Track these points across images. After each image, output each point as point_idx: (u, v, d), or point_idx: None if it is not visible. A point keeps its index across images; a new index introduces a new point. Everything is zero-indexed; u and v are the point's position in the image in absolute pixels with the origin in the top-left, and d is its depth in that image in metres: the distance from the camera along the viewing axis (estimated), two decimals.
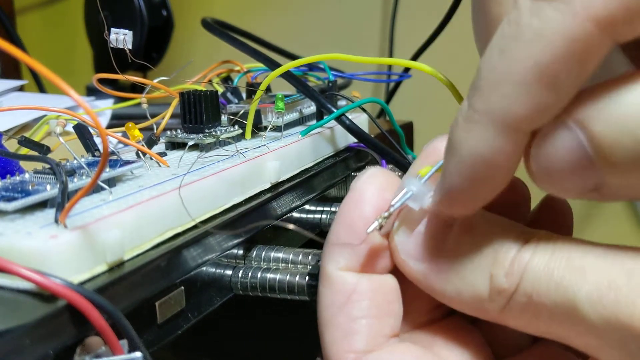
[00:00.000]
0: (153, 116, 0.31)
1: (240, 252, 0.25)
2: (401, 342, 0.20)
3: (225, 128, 0.30)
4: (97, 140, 0.26)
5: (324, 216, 0.31)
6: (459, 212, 0.18)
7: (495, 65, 0.15)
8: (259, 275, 0.24)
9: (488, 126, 0.15)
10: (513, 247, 0.17)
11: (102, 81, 0.29)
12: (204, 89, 0.31)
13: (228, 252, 0.24)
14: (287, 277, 0.24)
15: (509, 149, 0.16)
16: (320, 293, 0.20)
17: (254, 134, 0.32)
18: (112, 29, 0.28)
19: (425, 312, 0.21)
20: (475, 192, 0.17)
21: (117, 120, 0.50)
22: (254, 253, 0.26)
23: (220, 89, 0.38)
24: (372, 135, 0.32)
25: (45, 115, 0.36)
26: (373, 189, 0.20)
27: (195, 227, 0.23)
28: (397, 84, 0.66)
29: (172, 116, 0.31)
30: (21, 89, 0.53)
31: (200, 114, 0.30)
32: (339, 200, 0.34)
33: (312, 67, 0.43)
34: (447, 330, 0.21)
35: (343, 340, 0.19)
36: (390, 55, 0.74)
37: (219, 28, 0.40)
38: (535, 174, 0.16)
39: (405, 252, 0.19)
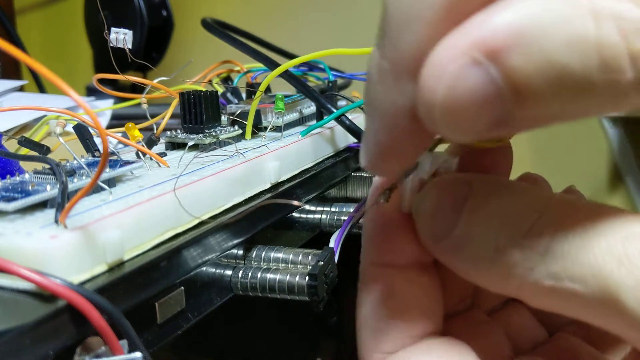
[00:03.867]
0: (153, 116, 0.31)
1: (240, 252, 0.25)
2: (425, 342, 0.19)
3: (225, 128, 0.30)
4: (97, 141, 0.26)
5: (324, 216, 0.31)
6: (388, 170, 0.17)
7: (399, 3, 0.14)
8: (259, 275, 0.24)
9: (400, 73, 0.14)
10: (529, 217, 0.16)
11: (102, 81, 0.29)
12: (204, 89, 0.31)
13: (228, 252, 0.24)
14: (287, 277, 0.24)
15: None
16: (358, 290, 0.20)
17: (254, 134, 0.32)
18: (112, 29, 0.28)
19: (449, 306, 0.21)
20: (401, 147, 0.16)
21: (117, 120, 0.50)
22: (254, 253, 0.26)
23: (220, 89, 0.38)
24: None
25: (45, 116, 0.36)
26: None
27: (195, 227, 0.23)
28: None
29: (172, 116, 0.31)
30: (21, 89, 0.53)
31: (200, 114, 0.30)
32: (339, 200, 0.34)
33: (312, 67, 0.43)
34: (468, 323, 0.20)
35: (372, 339, 0.19)
36: None
37: (219, 28, 0.40)
38: (441, 121, 0.14)
39: (426, 232, 0.19)
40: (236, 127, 0.31)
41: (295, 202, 0.26)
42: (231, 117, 0.32)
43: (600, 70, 0.12)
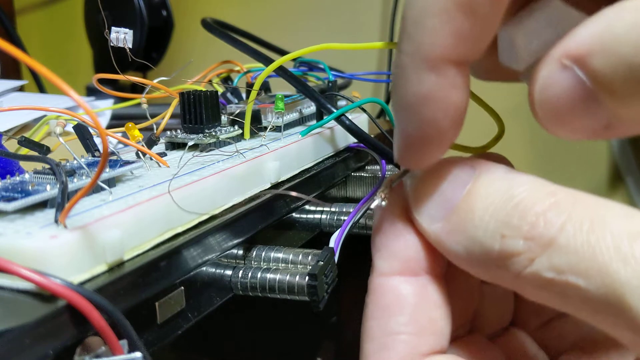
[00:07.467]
0: (153, 116, 0.31)
1: (240, 252, 0.25)
2: None
3: (225, 128, 0.30)
4: (97, 141, 0.26)
5: (324, 216, 0.31)
6: (419, 161, 0.18)
7: (416, 3, 0.16)
8: (259, 275, 0.24)
9: (419, 64, 0.16)
10: (536, 206, 0.15)
11: (102, 81, 0.29)
12: (204, 89, 0.31)
13: (228, 252, 0.24)
14: (287, 277, 0.24)
15: (446, 82, 0.16)
16: (365, 302, 0.19)
17: (253, 134, 0.32)
18: (112, 28, 0.28)
19: (453, 329, 0.21)
20: (428, 134, 0.17)
21: (117, 120, 0.50)
22: (254, 253, 0.26)
23: (220, 89, 0.38)
24: (372, 135, 0.32)
25: (45, 116, 0.36)
26: None
27: (195, 227, 0.23)
28: None
29: (172, 116, 0.31)
30: (21, 89, 0.53)
31: (200, 114, 0.30)
32: (339, 200, 0.34)
33: (312, 67, 0.43)
34: (469, 347, 0.20)
35: (377, 354, 0.18)
36: (391, 52, 0.74)
37: (219, 28, 0.40)
38: (544, 120, 0.16)
39: (421, 212, 0.18)
40: (236, 127, 0.31)
41: (303, 196, 0.26)
42: (231, 117, 0.32)
43: None
